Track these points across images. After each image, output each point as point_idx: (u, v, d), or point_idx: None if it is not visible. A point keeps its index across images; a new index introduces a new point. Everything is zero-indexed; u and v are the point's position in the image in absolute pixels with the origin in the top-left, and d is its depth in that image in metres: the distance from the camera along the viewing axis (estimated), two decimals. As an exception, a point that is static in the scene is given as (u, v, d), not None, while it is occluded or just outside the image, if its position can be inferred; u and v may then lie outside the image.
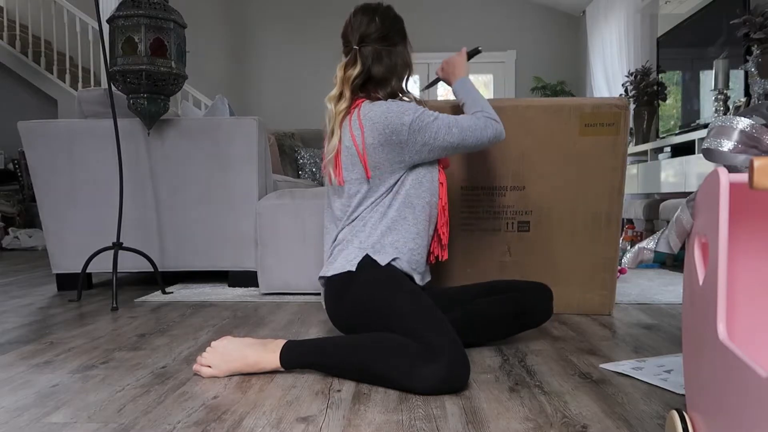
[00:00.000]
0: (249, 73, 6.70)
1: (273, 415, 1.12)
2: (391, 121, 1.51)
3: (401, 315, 1.35)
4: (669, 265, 3.34)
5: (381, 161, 1.53)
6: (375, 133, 1.52)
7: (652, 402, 1.18)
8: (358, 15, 1.63)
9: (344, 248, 1.55)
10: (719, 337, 0.73)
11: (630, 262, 0.99)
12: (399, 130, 1.51)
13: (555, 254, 2.02)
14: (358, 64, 1.59)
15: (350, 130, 1.55)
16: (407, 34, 1.67)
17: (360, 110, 1.55)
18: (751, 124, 0.80)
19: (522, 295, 1.60)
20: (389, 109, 1.52)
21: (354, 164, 1.55)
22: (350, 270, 1.50)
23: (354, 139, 1.54)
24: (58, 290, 2.66)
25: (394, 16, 1.65)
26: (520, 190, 2.02)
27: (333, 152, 1.58)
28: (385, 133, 1.51)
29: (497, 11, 6.50)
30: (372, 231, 1.54)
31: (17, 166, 5.52)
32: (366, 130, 1.52)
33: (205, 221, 2.64)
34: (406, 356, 1.24)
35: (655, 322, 1.91)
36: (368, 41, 1.60)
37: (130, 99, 2.43)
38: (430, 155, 1.56)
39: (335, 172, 1.58)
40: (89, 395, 1.24)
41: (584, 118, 1.97)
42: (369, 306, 1.44)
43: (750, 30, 3.01)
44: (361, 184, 1.56)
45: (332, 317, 1.59)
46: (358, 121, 1.54)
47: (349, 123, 1.56)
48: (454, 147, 1.56)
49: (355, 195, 1.57)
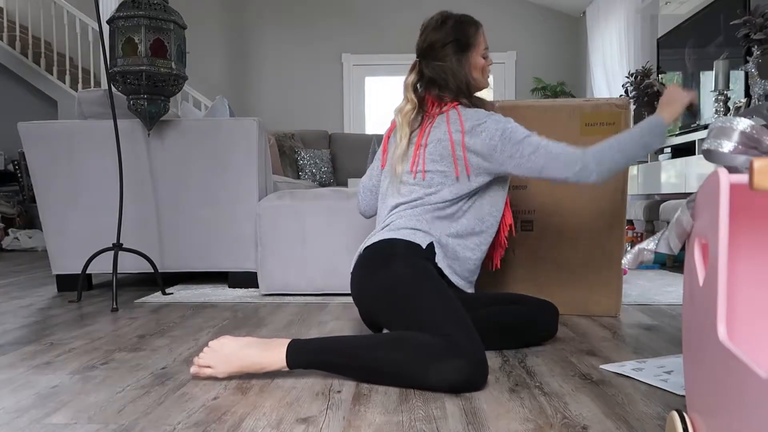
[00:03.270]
0: (249, 74, 6.70)
1: (273, 416, 1.12)
2: (489, 127, 1.54)
3: (431, 310, 1.35)
4: (669, 266, 3.34)
5: (470, 162, 1.56)
6: (472, 135, 1.55)
7: (653, 403, 1.18)
8: (422, 27, 1.69)
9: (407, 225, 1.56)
10: (719, 338, 0.73)
11: (630, 263, 0.99)
12: (493, 135, 1.54)
13: (559, 254, 2.02)
14: (415, 73, 1.68)
15: (447, 125, 1.58)
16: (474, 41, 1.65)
17: (459, 111, 1.59)
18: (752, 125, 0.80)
19: (528, 309, 1.61)
20: (489, 116, 1.57)
21: (443, 157, 1.57)
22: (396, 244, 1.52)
23: (451, 134, 1.56)
24: (58, 291, 2.66)
25: (449, 29, 1.64)
26: (522, 189, 2.02)
27: (405, 148, 1.61)
28: (482, 136, 1.54)
29: (497, 12, 6.50)
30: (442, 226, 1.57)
31: (17, 167, 5.52)
32: (466, 130, 1.56)
33: (205, 222, 2.64)
34: (427, 351, 1.24)
35: (655, 323, 1.91)
36: (425, 54, 1.66)
37: (130, 100, 2.43)
38: (515, 171, 1.57)
39: (412, 164, 1.60)
40: (89, 396, 1.24)
41: (585, 118, 1.97)
42: (399, 289, 1.43)
43: (750, 31, 3.01)
44: (445, 178, 1.58)
45: (358, 291, 1.57)
46: (459, 120, 1.57)
47: (447, 119, 1.58)
48: (539, 170, 1.55)
49: (433, 186, 1.58)
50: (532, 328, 1.61)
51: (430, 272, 1.48)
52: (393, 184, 1.66)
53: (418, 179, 1.59)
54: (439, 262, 1.56)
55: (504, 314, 1.59)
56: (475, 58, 1.66)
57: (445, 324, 1.30)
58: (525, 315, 1.60)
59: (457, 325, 1.29)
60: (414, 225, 1.56)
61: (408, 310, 1.38)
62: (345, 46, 6.56)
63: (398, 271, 1.46)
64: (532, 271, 2.03)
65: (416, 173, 1.59)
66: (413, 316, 1.36)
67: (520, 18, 6.56)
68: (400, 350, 1.27)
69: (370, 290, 1.52)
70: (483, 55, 1.68)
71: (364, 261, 1.56)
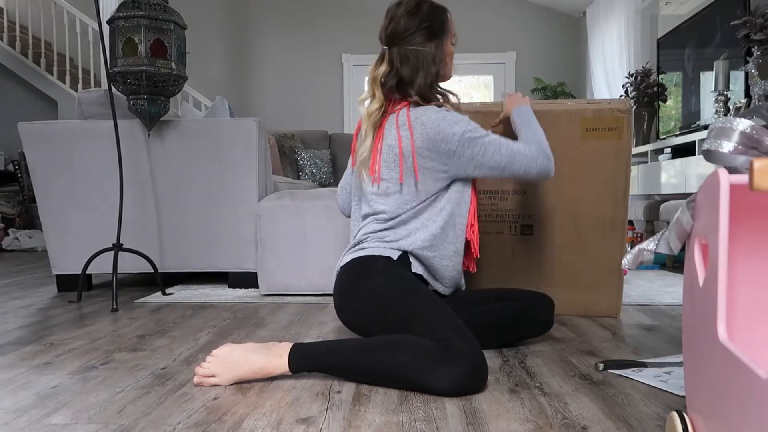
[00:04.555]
0: (249, 74, 6.71)
1: (273, 417, 1.12)
2: (443, 128, 1.49)
3: (421, 314, 1.34)
4: (669, 266, 3.34)
5: (426, 166, 1.52)
6: (425, 138, 1.50)
7: (652, 403, 1.18)
8: (388, 13, 1.60)
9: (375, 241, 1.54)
10: (719, 339, 0.73)
11: (630, 263, 0.99)
12: (450, 138, 1.49)
13: (559, 258, 2.01)
14: (385, 64, 1.57)
15: (397, 130, 1.53)
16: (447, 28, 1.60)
17: (409, 112, 1.53)
18: (752, 125, 0.80)
19: (523, 304, 1.60)
20: (444, 117, 1.51)
21: (395, 164, 1.53)
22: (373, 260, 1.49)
23: (400, 140, 1.52)
24: (58, 291, 2.66)
25: (425, 13, 1.58)
26: (521, 195, 2.01)
27: (367, 152, 1.56)
28: (436, 139, 1.50)
29: (497, 12, 6.50)
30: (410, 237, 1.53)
31: (17, 167, 5.52)
32: (416, 133, 1.51)
33: (205, 222, 2.64)
34: (426, 356, 1.23)
35: (655, 323, 1.91)
36: (395, 41, 1.57)
37: (130, 100, 2.43)
38: (476, 171, 1.55)
39: (370, 170, 1.56)
40: (89, 396, 1.24)
41: (586, 123, 1.95)
42: (384, 301, 1.42)
43: (750, 31, 3.01)
44: (398, 185, 1.54)
45: (340, 309, 1.56)
46: (407, 122, 1.52)
47: (396, 123, 1.54)
48: (500, 168, 1.55)
49: (391, 195, 1.55)
50: (531, 323, 1.61)
51: (409, 278, 1.48)
52: (360, 188, 1.64)
53: (375, 186, 1.56)
54: (417, 270, 1.55)
55: (501, 311, 1.58)
56: (448, 46, 1.62)
57: (438, 328, 1.28)
58: (522, 310, 1.59)
59: (452, 328, 1.28)
60: (383, 237, 1.54)
61: (396, 319, 1.37)
62: (345, 46, 6.56)
63: (377, 281, 1.45)
64: (532, 272, 2.03)
65: (374, 180, 1.56)
66: (403, 323, 1.34)
67: (520, 18, 6.56)
68: (401, 354, 1.25)
69: (352, 305, 1.51)
70: (452, 42, 1.64)
71: (342, 279, 1.55)
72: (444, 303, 1.39)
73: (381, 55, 1.60)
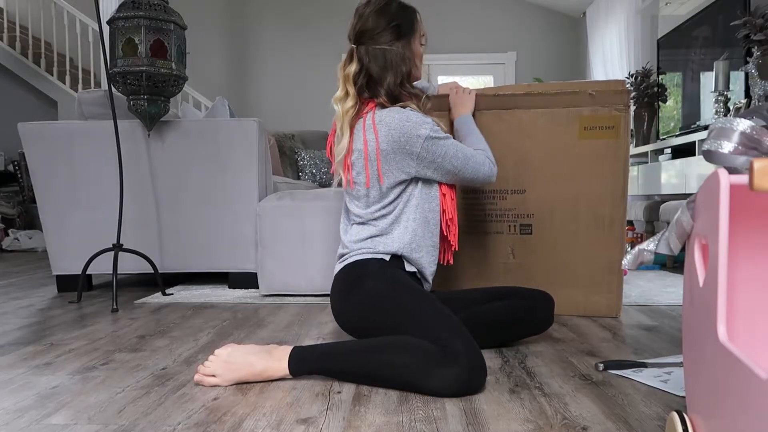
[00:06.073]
0: (249, 74, 6.71)
1: (273, 417, 1.12)
2: (407, 130, 1.50)
3: (417, 316, 1.34)
4: (669, 266, 3.34)
5: (390, 168, 1.53)
6: (390, 140, 1.50)
7: (653, 404, 1.18)
8: (357, 12, 1.61)
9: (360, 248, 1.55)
10: (719, 339, 0.73)
11: (630, 263, 0.99)
12: (414, 141, 1.50)
13: (558, 257, 2.01)
14: (355, 62, 1.58)
15: (363, 134, 1.53)
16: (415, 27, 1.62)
17: (374, 115, 1.53)
18: (752, 125, 0.80)
19: (524, 302, 1.60)
20: (408, 118, 1.51)
21: (364, 168, 1.54)
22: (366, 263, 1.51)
23: (366, 144, 1.52)
24: (58, 292, 2.66)
25: (394, 12, 1.59)
26: (520, 194, 2.01)
27: (343, 153, 1.57)
28: (400, 141, 1.50)
29: (497, 12, 6.50)
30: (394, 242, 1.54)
31: (17, 167, 5.52)
32: (381, 135, 1.51)
33: (205, 223, 2.64)
34: (424, 358, 1.23)
35: (655, 324, 1.91)
36: (363, 39, 1.58)
37: (130, 100, 2.43)
38: (434, 174, 1.56)
39: (344, 173, 1.57)
40: (89, 397, 1.24)
41: (583, 122, 1.95)
42: (380, 304, 1.43)
43: (750, 31, 3.01)
44: (369, 188, 1.55)
45: (338, 314, 1.57)
46: (372, 126, 1.52)
47: (363, 127, 1.54)
48: (455, 173, 1.57)
49: (363, 198, 1.57)
50: (531, 321, 1.61)
51: (404, 279, 1.49)
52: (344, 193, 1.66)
53: (350, 189, 1.59)
54: (410, 269, 1.57)
55: (501, 310, 1.58)
56: (416, 46, 1.63)
57: (435, 328, 1.28)
58: (522, 308, 1.59)
59: (449, 329, 1.28)
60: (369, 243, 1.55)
61: (393, 321, 1.37)
62: (345, 46, 6.52)
63: (372, 285, 1.47)
64: (531, 271, 2.03)
65: (346, 184, 1.58)
66: (400, 325, 1.34)
67: (520, 18, 6.56)
68: (399, 357, 1.26)
69: (349, 310, 1.52)
70: (421, 42, 1.64)
71: (337, 285, 1.56)
72: (440, 302, 1.39)
73: (349, 53, 1.61)
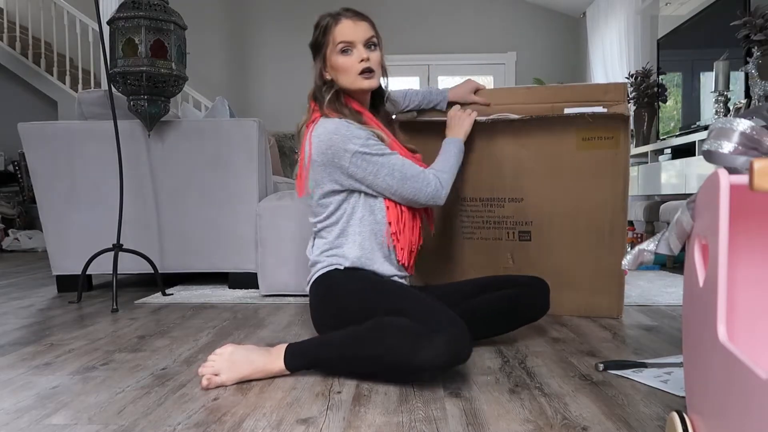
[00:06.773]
0: (249, 74, 6.71)
1: (273, 417, 1.12)
2: (334, 143, 1.49)
3: (396, 309, 1.35)
4: (669, 266, 3.34)
5: (322, 178, 1.54)
6: (319, 151, 1.51)
7: (653, 404, 1.18)
8: None
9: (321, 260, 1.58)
10: (719, 339, 0.73)
11: (630, 263, 0.99)
12: (341, 155, 1.49)
13: (557, 263, 1.99)
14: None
15: (303, 144, 1.56)
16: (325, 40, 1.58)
17: (313, 128, 1.55)
18: (752, 125, 0.80)
19: (519, 290, 1.60)
20: (337, 131, 1.49)
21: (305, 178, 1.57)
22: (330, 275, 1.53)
23: (303, 155, 1.55)
24: (58, 292, 2.66)
25: (315, 27, 1.63)
26: (518, 202, 2.00)
27: (298, 162, 1.60)
28: (328, 153, 1.50)
29: (497, 13, 6.50)
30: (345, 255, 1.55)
31: (17, 167, 5.52)
32: (313, 146, 1.52)
33: (205, 223, 2.64)
34: (408, 333, 1.25)
35: (655, 324, 1.91)
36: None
37: (130, 100, 2.43)
38: (369, 190, 1.55)
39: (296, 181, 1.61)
40: (89, 397, 1.24)
41: (582, 132, 1.90)
42: (357, 307, 1.45)
43: (750, 32, 3.01)
44: (310, 199, 1.59)
45: (318, 325, 1.59)
46: (309, 137, 1.54)
47: (305, 137, 1.57)
48: (391, 191, 1.55)
49: (310, 207, 1.61)
50: (528, 308, 1.62)
51: (373, 279, 1.51)
52: None
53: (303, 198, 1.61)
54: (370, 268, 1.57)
55: (498, 299, 1.59)
56: (332, 58, 1.55)
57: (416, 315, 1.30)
58: (520, 297, 1.60)
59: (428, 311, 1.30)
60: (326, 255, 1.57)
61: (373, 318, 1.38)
62: (345, 46, 6.55)
63: (344, 290, 1.49)
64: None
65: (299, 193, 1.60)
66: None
67: (520, 18, 6.56)
68: (390, 334, 1.27)
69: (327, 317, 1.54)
70: (342, 49, 1.53)
71: (313, 298, 1.58)
72: (415, 290, 1.40)
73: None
